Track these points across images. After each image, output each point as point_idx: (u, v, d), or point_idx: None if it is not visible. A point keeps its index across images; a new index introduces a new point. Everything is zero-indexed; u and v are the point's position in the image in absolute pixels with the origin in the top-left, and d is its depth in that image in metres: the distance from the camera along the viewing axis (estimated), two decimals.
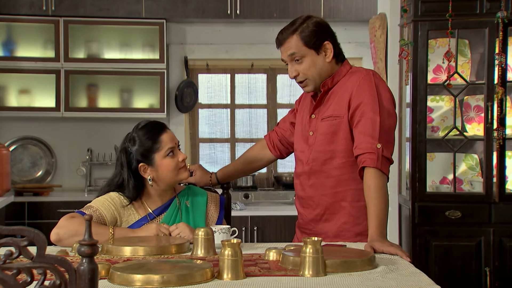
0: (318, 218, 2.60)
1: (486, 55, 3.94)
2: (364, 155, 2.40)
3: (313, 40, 2.51)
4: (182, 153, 2.54)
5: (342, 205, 2.56)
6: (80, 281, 1.21)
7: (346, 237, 2.53)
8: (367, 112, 2.45)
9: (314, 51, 2.52)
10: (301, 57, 2.51)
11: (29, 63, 5.07)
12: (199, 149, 5.57)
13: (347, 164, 2.53)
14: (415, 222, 3.96)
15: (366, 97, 2.47)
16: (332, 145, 2.54)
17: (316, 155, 2.57)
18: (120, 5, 5.07)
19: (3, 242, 1.20)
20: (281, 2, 5.08)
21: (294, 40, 2.51)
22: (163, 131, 2.52)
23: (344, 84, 2.55)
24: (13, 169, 5.24)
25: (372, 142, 2.40)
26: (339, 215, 2.56)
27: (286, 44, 2.52)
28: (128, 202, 2.50)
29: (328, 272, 1.84)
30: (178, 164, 2.51)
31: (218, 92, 5.61)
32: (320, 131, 2.56)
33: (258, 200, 5.01)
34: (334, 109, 2.54)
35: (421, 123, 3.96)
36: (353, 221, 2.55)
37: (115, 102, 5.30)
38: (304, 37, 2.50)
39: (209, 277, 1.76)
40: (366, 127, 2.44)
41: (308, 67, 2.52)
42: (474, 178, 4.18)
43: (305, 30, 2.51)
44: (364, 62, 5.34)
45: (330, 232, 2.56)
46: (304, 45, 2.50)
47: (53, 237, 2.33)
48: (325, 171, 2.56)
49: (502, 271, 3.91)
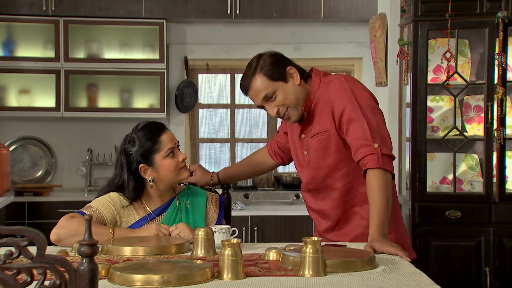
0: (331, 229, 2.63)
1: (486, 55, 3.94)
2: (365, 158, 2.41)
3: (275, 72, 2.50)
4: (182, 153, 2.54)
5: (354, 210, 2.58)
6: (80, 281, 1.22)
7: (365, 238, 2.53)
8: (352, 118, 2.46)
9: (281, 81, 2.51)
10: (273, 93, 2.50)
11: (29, 63, 5.07)
12: (199, 149, 5.57)
13: (348, 173, 2.55)
14: (415, 222, 3.96)
15: (345, 104, 2.48)
16: (326, 160, 2.56)
17: (314, 173, 2.60)
18: (120, 5, 5.07)
19: (3, 242, 1.20)
20: (281, 2, 5.08)
21: (259, 81, 2.49)
22: (162, 132, 2.52)
23: (323, 97, 2.55)
24: (13, 169, 5.24)
25: (368, 144, 2.41)
26: (353, 221, 2.59)
27: (253, 87, 2.51)
28: (128, 203, 2.50)
29: (328, 272, 1.84)
30: (179, 164, 2.51)
31: (218, 92, 5.61)
32: (313, 148, 2.58)
33: (258, 200, 5.01)
34: (321, 124, 2.55)
35: (421, 123, 3.96)
36: (367, 224, 2.54)
37: (115, 102, 5.30)
38: (266, 73, 2.49)
39: (209, 277, 1.76)
40: (357, 133, 2.44)
41: (284, 98, 2.51)
42: (474, 178, 4.18)
43: (264, 66, 2.50)
44: (364, 62, 5.34)
45: (348, 237, 2.59)
46: (270, 80, 2.49)
47: (53, 237, 2.33)
48: (329, 185, 2.59)
49: (502, 271, 3.91)
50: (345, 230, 2.60)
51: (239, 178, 3.09)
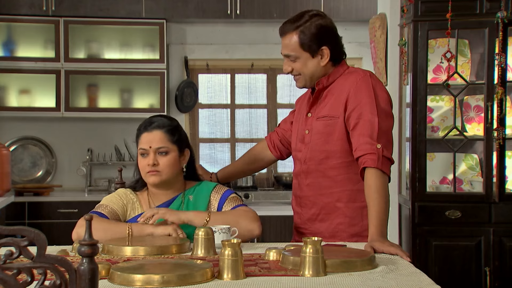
0: (314, 217, 2.60)
1: (486, 55, 3.94)
2: (364, 156, 2.40)
3: (309, 44, 2.50)
4: (152, 159, 2.46)
5: (337, 205, 2.56)
6: (80, 281, 1.22)
7: (342, 238, 2.54)
8: (365, 114, 2.45)
9: (309, 54, 2.52)
10: (295, 58, 2.53)
11: (29, 63, 5.07)
12: (199, 149, 5.57)
13: (343, 165, 2.54)
14: (415, 222, 3.96)
15: (363, 98, 2.47)
16: (327, 145, 2.54)
17: (312, 154, 2.58)
18: (120, 5, 5.07)
19: (4, 242, 1.20)
20: (281, 2, 5.08)
21: (292, 39, 2.50)
22: (146, 131, 2.49)
23: (341, 84, 2.55)
24: (14, 169, 5.25)
25: (371, 143, 2.40)
26: (334, 216, 2.56)
27: (285, 39, 2.53)
28: (135, 197, 2.53)
29: (328, 272, 1.84)
30: (145, 168, 2.48)
31: (218, 92, 5.62)
32: (315, 130, 2.57)
33: (258, 200, 5.01)
34: (330, 109, 2.54)
35: (421, 123, 3.96)
36: (348, 222, 2.55)
37: (115, 102, 5.30)
38: (302, 38, 2.49)
39: (209, 277, 1.76)
40: (364, 129, 2.43)
41: (301, 68, 2.53)
42: (474, 178, 4.18)
43: (306, 32, 2.49)
44: (364, 62, 5.34)
45: (326, 232, 2.56)
46: (300, 47, 2.50)
47: (74, 236, 2.37)
48: (321, 171, 2.56)
49: (502, 271, 3.91)
50: (325, 224, 2.56)
51: (238, 176, 3.07)
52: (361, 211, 2.53)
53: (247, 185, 5.23)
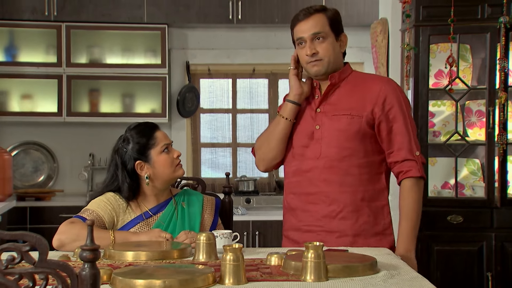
0: (334, 214, 2.54)
1: (487, 60, 3.94)
2: (404, 163, 2.48)
3: (336, 25, 2.54)
4: (176, 150, 2.56)
5: (362, 204, 2.54)
6: (82, 286, 1.22)
7: (366, 237, 2.52)
8: (401, 118, 2.50)
9: (335, 36, 2.54)
10: (324, 38, 2.51)
11: (31, 68, 5.08)
12: (200, 154, 5.57)
13: (367, 164, 2.54)
14: None
15: (397, 102, 2.52)
16: (350, 143, 2.52)
17: (329, 150, 2.53)
18: (122, 10, 5.08)
19: (5, 247, 1.20)
20: (283, 7, 5.08)
21: (321, 18, 2.52)
22: (156, 129, 2.56)
23: (363, 85, 2.56)
24: (15, 174, 5.25)
25: (410, 149, 2.49)
26: (359, 214, 2.53)
27: (312, 20, 2.51)
28: (125, 202, 2.51)
29: (330, 277, 1.83)
30: (174, 161, 2.53)
31: (220, 97, 5.62)
32: (331, 126, 2.54)
33: (260, 205, 5.01)
34: (352, 107, 2.52)
35: (422, 127, 3.96)
36: (372, 221, 2.55)
37: (117, 107, 5.31)
38: (330, 18, 2.53)
39: (211, 282, 1.76)
40: (401, 134, 2.50)
41: (327, 49, 2.52)
42: (475, 183, 4.18)
43: (332, 14, 2.55)
44: (365, 67, 5.34)
45: (349, 231, 2.52)
46: (329, 26, 2.52)
47: (55, 243, 2.33)
48: (344, 169, 2.52)
49: (504, 276, 3.90)
50: (349, 222, 2.52)
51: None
52: (382, 210, 2.56)
53: (249, 189, 5.23)
